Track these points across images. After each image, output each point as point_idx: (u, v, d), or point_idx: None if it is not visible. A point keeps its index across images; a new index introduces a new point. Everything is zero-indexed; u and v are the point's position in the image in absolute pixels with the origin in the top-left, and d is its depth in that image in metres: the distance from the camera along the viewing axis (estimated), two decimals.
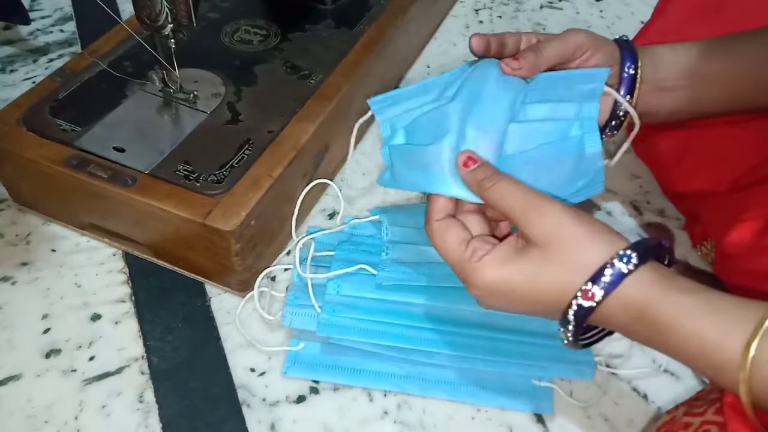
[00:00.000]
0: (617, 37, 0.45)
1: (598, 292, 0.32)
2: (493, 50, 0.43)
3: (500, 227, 0.39)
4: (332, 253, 0.51)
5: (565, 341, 0.35)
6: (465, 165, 0.37)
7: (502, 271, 0.34)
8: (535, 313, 0.35)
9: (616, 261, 0.32)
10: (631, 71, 0.42)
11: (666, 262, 0.34)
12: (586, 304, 0.32)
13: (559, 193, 0.39)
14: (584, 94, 0.40)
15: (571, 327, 0.33)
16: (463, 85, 0.41)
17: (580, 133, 0.39)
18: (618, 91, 0.42)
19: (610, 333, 0.36)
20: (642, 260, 0.32)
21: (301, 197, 0.52)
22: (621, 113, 0.43)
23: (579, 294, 0.32)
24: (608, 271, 0.32)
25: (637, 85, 0.42)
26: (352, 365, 0.46)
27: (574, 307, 0.32)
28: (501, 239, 0.36)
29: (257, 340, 0.48)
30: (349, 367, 0.46)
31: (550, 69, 0.42)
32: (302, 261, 0.51)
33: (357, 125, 0.46)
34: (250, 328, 0.48)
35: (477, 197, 0.37)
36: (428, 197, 0.39)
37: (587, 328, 0.35)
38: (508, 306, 0.35)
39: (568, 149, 0.38)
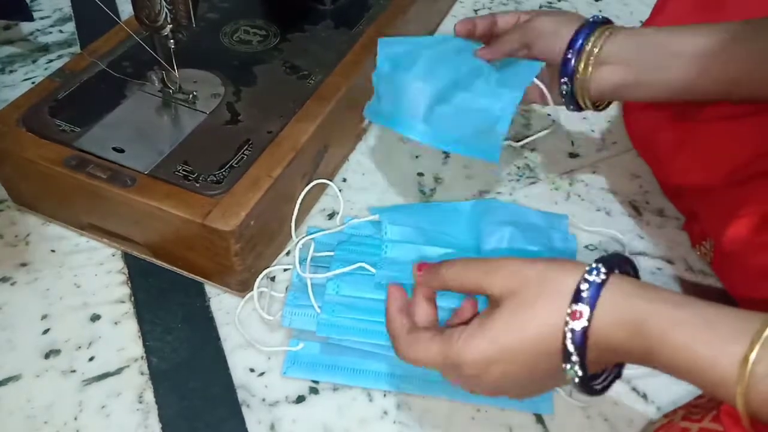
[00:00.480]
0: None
1: (584, 309, 0.32)
2: (479, 33, 0.52)
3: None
4: (332, 253, 0.51)
5: (577, 380, 0.33)
6: (419, 270, 0.40)
7: (485, 337, 0.34)
8: (538, 369, 0.34)
9: (587, 276, 0.32)
10: (570, 57, 0.47)
11: (633, 276, 0.35)
12: (578, 325, 0.32)
13: (460, 145, 0.47)
14: (516, 82, 0.48)
15: (575, 358, 0.32)
16: (436, 48, 0.50)
17: (498, 112, 0.47)
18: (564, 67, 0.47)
19: (619, 374, 0.36)
20: (609, 268, 0.32)
21: (301, 197, 0.52)
22: (565, 86, 0.48)
23: (567, 319, 0.32)
24: (584, 287, 0.32)
25: (580, 70, 0.47)
26: (352, 365, 0.46)
27: (569, 335, 0.32)
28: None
29: (257, 340, 0.48)
30: (348, 367, 0.46)
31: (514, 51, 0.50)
32: (302, 261, 0.51)
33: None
34: (249, 328, 0.48)
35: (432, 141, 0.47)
36: (386, 323, 0.40)
37: (594, 375, 0.34)
38: (507, 369, 0.34)
39: (485, 119, 0.47)
